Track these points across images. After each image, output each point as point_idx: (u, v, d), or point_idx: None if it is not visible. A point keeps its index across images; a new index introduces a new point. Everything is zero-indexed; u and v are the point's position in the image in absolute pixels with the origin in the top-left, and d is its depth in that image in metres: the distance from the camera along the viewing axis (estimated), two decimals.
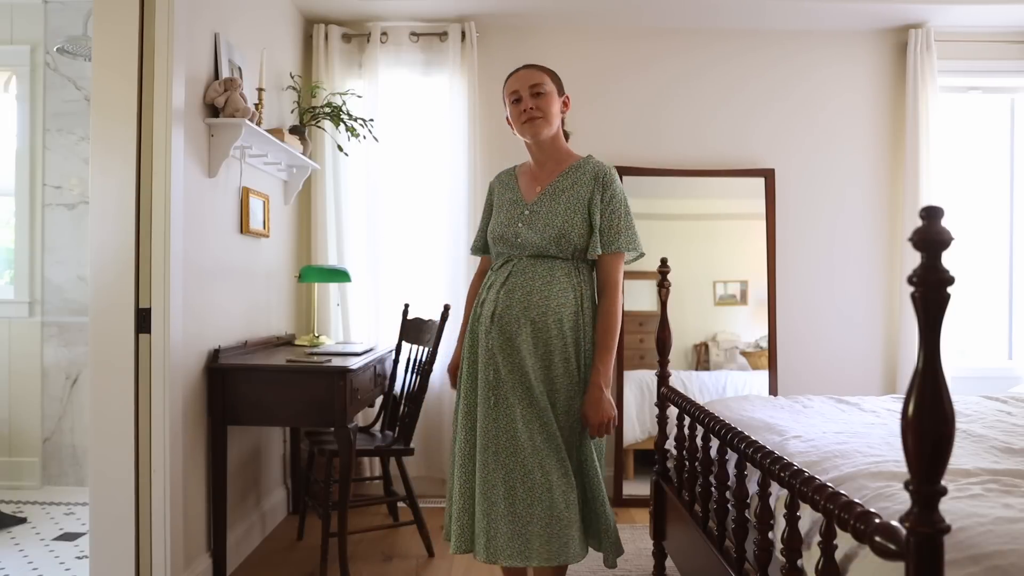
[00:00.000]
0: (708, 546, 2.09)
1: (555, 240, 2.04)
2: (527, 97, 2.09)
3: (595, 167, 2.10)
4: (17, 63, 3.95)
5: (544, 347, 2.02)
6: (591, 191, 2.06)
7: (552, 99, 2.10)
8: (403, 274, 3.92)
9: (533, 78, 2.10)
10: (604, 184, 2.06)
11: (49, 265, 3.94)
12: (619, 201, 2.07)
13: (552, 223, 2.05)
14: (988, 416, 2.35)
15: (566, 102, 2.18)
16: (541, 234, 2.05)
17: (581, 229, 2.04)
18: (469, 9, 3.77)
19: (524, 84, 2.10)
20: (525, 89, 2.09)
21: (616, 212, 2.06)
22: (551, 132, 2.12)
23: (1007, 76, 3.99)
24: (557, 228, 2.04)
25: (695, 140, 4.00)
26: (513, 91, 2.12)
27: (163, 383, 2.38)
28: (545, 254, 2.05)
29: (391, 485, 3.44)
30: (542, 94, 2.08)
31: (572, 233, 2.03)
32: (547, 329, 2.02)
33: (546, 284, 2.03)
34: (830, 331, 4.02)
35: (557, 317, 2.02)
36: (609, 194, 2.06)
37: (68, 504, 3.70)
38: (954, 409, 0.94)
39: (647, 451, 3.77)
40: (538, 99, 2.08)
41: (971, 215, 4.14)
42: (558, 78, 2.19)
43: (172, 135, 2.38)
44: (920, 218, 0.93)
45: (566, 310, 2.03)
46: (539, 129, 2.09)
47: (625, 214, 2.08)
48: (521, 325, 2.02)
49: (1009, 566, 1.16)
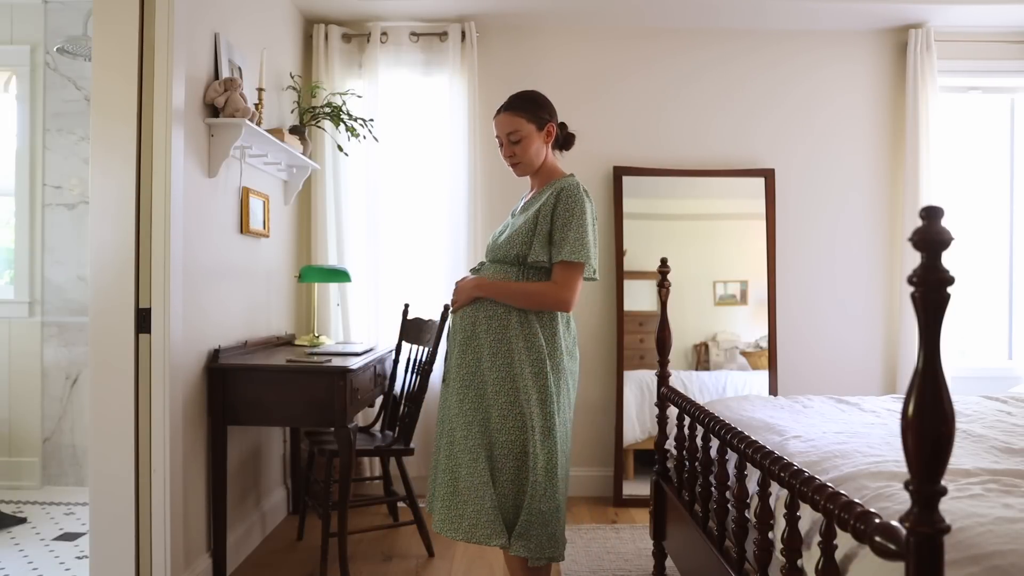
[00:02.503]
0: (708, 546, 2.09)
1: (507, 246, 2.14)
2: (506, 144, 2.20)
3: (562, 184, 2.13)
4: (17, 63, 3.95)
5: (468, 353, 2.13)
6: (546, 201, 2.11)
7: (529, 143, 2.18)
8: (403, 274, 3.92)
9: (508, 126, 2.18)
10: (560, 197, 2.09)
11: (49, 265, 3.94)
12: (572, 215, 2.07)
13: (515, 231, 2.14)
14: (988, 416, 2.35)
15: (550, 131, 2.22)
16: (503, 242, 2.16)
17: (526, 237, 2.10)
18: (469, 9, 3.77)
19: (502, 131, 2.21)
20: (503, 136, 2.20)
21: (566, 224, 2.06)
22: (533, 169, 2.23)
23: (1007, 76, 4.00)
24: (512, 236, 2.14)
25: (695, 140, 4.00)
26: (496, 135, 2.24)
27: (163, 383, 2.38)
28: (500, 260, 2.16)
29: (391, 485, 3.44)
30: (518, 142, 2.18)
31: (518, 240, 2.12)
32: (474, 337, 2.12)
33: (490, 278, 2.16)
34: (830, 331, 4.02)
35: (477, 321, 2.12)
36: (563, 207, 2.08)
37: (68, 504, 3.70)
38: (954, 409, 0.94)
39: (647, 451, 3.77)
40: (515, 146, 2.18)
41: (971, 215, 4.14)
42: (539, 109, 2.21)
43: (172, 135, 2.38)
44: (920, 218, 0.93)
45: (488, 311, 2.11)
46: (522, 171, 2.24)
47: (576, 227, 2.06)
48: (462, 325, 2.16)
49: (1009, 566, 1.16)
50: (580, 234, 2.06)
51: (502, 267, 2.15)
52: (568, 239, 2.06)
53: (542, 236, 2.09)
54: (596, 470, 3.96)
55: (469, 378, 2.12)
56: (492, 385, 2.08)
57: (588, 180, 3.97)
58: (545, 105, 2.23)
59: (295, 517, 3.56)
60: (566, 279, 2.07)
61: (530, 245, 2.10)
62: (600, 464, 3.97)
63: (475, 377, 2.11)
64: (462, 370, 2.13)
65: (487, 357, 2.09)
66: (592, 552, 3.10)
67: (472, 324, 2.13)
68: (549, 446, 2.06)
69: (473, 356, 2.12)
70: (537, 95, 2.23)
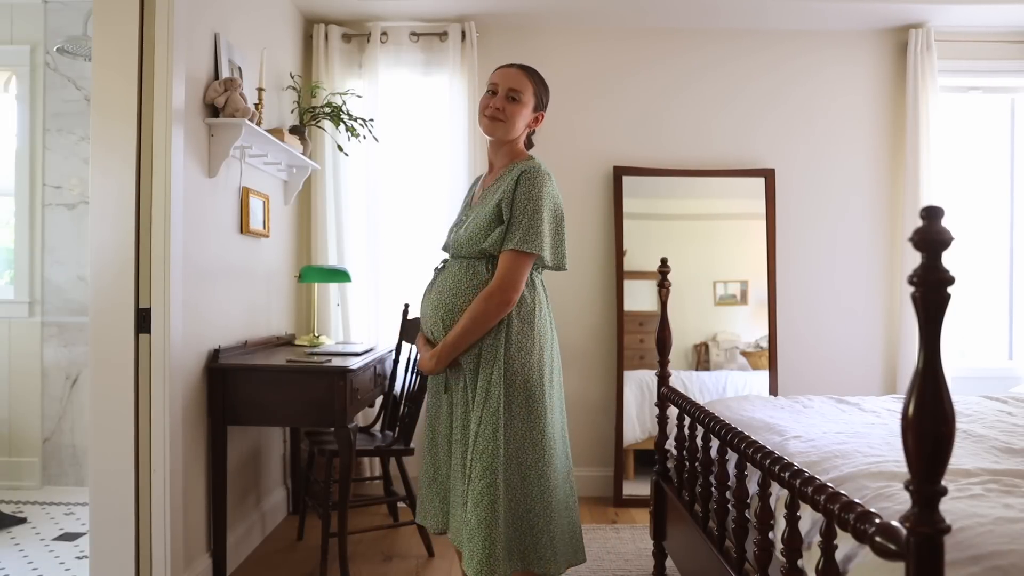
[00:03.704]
0: (708, 546, 2.09)
1: (469, 239, 1.99)
2: (501, 95, 2.04)
3: (524, 166, 1.98)
4: (17, 63, 3.95)
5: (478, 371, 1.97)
6: (507, 187, 1.97)
7: (523, 109, 2.04)
8: (403, 274, 3.92)
9: (516, 82, 2.04)
10: (519, 181, 1.94)
11: (49, 265, 3.94)
12: (528, 199, 1.92)
13: (476, 222, 1.99)
14: (988, 416, 2.35)
15: (539, 118, 2.11)
16: (465, 236, 2.00)
17: (488, 228, 1.95)
18: (469, 9, 3.77)
19: (505, 83, 2.05)
20: (504, 87, 2.04)
21: (523, 210, 1.92)
22: (507, 137, 2.06)
23: (1007, 76, 3.99)
24: (475, 225, 1.98)
25: (695, 140, 4.00)
26: (493, 83, 2.07)
27: (163, 383, 2.37)
28: (465, 255, 2.01)
29: (391, 485, 3.44)
30: (516, 101, 2.03)
31: (479, 233, 1.97)
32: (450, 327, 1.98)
33: (456, 283, 1.99)
34: (830, 331, 4.02)
35: (449, 321, 1.99)
36: (522, 191, 1.93)
37: (68, 504, 3.70)
38: (954, 409, 0.94)
39: (647, 451, 3.77)
40: (510, 104, 2.03)
41: (971, 215, 4.14)
42: (545, 92, 2.12)
43: (172, 135, 2.38)
44: (920, 218, 0.93)
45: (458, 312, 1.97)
46: (495, 129, 2.04)
47: (532, 213, 1.91)
48: (434, 325, 2.03)
49: (1009, 566, 1.16)
50: (535, 221, 1.91)
51: (468, 263, 2.00)
52: (520, 225, 1.90)
53: (498, 223, 1.95)
54: (596, 470, 3.96)
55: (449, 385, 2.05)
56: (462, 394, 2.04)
57: (588, 180, 3.98)
58: (548, 92, 2.14)
59: (295, 517, 3.56)
60: (510, 271, 1.91)
61: (495, 238, 1.94)
62: (600, 464, 3.97)
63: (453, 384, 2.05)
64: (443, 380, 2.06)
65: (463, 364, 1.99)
66: (592, 552, 3.10)
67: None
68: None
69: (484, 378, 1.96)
70: (544, 80, 2.15)
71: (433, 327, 2.05)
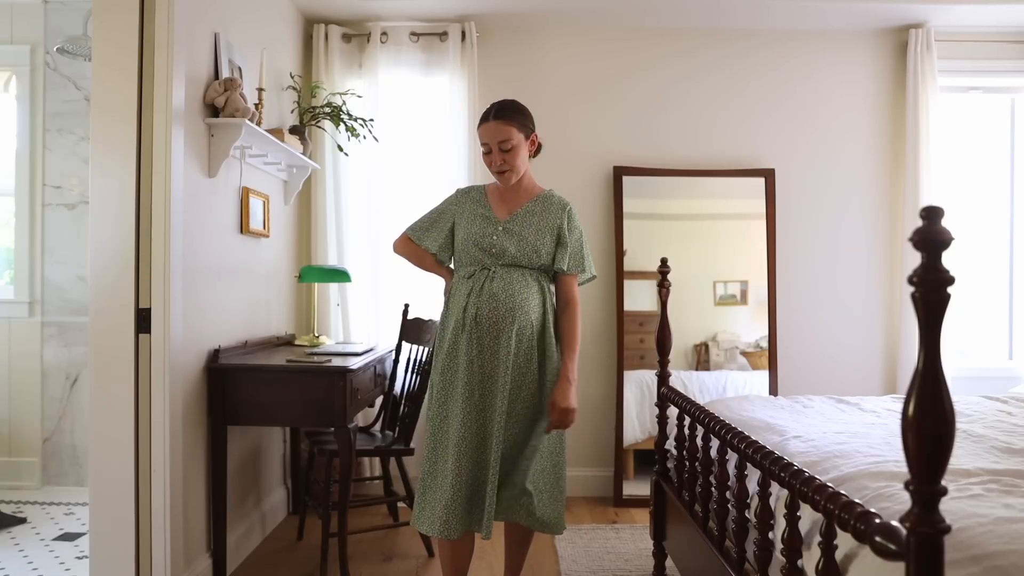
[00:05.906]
0: (708, 546, 2.09)
1: (528, 253, 2.29)
2: (496, 151, 2.28)
3: (561, 200, 2.39)
4: (17, 63, 3.95)
5: (522, 345, 2.25)
6: (560, 219, 2.34)
7: (519, 151, 2.31)
8: (403, 274, 3.90)
9: (500, 134, 2.27)
10: (570, 215, 2.36)
11: (49, 265, 3.94)
12: (581, 231, 2.40)
13: (526, 239, 2.30)
14: (988, 416, 2.35)
15: (533, 141, 2.36)
16: (517, 247, 2.28)
17: (550, 248, 2.32)
18: (469, 9, 3.77)
19: (493, 139, 2.28)
20: (494, 144, 2.28)
21: (580, 240, 2.38)
22: (519, 176, 2.35)
23: (1007, 76, 3.99)
24: (530, 243, 2.29)
25: (695, 140, 4.00)
26: (484, 142, 2.31)
27: (163, 383, 2.37)
28: (518, 264, 2.29)
29: (391, 485, 3.43)
30: (510, 150, 2.28)
31: (542, 250, 2.30)
32: (526, 329, 2.25)
33: (524, 289, 2.27)
34: (830, 331, 4.02)
35: (530, 319, 2.26)
36: (575, 224, 2.37)
37: (68, 504, 3.70)
38: (954, 409, 0.94)
39: (647, 451, 3.77)
40: (507, 154, 2.28)
41: (971, 215, 4.14)
42: (526, 119, 2.33)
43: (172, 135, 2.38)
44: (920, 218, 0.93)
45: (535, 314, 2.28)
46: (510, 179, 2.33)
47: (585, 243, 2.41)
48: (507, 325, 2.23)
49: (1009, 566, 1.16)
50: (588, 250, 2.42)
51: (522, 271, 2.29)
52: (586, 256, 2.39)
53: (563, 248, 2.33)
54: (596, 470, 3.96)
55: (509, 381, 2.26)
56: (527, 388, 2.30)
57: (588, 180, 3.98)
58: (529, 115, 2.36)
59: (295, 517, 3.56)
60: (577, 292, 2.39)
61: (552, 257, 2.33)
62: (600, 464, 3.97)
63: (516, 379, 2.27)
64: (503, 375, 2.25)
65: (527, 359, 2.27)
66: (592, 552, 3.10)
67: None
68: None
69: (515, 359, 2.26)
70: (521, 105, 2.35)
71: (503, 327, 2.24)
